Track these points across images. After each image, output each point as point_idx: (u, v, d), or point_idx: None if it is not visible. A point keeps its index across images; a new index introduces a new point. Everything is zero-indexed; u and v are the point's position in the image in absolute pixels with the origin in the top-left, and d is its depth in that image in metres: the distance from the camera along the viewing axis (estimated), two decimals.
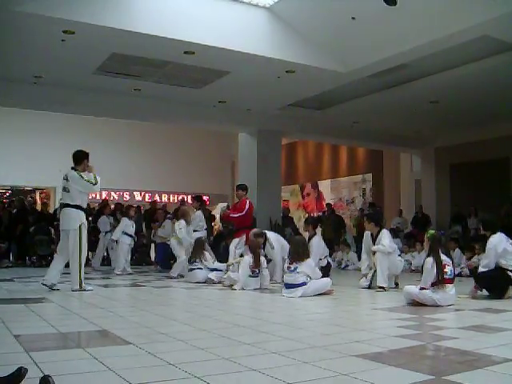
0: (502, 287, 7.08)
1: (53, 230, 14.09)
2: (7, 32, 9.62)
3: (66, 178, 7.76)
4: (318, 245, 9.31)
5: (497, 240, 7.15)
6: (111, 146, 22.29)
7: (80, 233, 7.64)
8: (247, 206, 10.41)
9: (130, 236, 11.72)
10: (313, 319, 5.56)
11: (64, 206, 7.86)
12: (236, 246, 10.13)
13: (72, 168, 7.84)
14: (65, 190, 7.78)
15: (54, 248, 14.02)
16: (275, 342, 4.12)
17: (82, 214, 7.77)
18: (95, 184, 7.74)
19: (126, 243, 11.63)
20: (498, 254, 7.06)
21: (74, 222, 7.66)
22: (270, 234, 9.71)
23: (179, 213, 11.13)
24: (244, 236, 10.15)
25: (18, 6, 8.61)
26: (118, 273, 11.16)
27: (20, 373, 2.52)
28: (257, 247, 8.69)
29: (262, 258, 8.66)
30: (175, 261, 11.95)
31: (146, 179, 23.01)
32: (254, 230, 10.00)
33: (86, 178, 7.68)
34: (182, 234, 10.56)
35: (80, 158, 7.89)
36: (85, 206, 7.93)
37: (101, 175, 7.93)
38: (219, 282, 9.10)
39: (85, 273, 11.33)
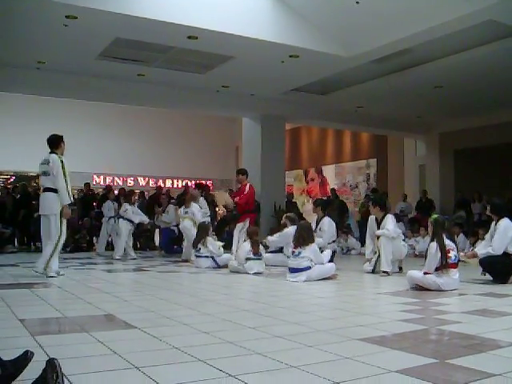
0: (505, 272, 7.09)
1: None
2: (10, 17, 9.59)
3: (46, 162, 7.57)
4: (330, 224, 9.33)
5: (507, 224, 7.13)
6: (115, 131, 22.32)
7: (61, 217, 7.50)
8: (247, 189, 10.52)
9: (130, 221, 11.68)
10: (317, 303, 5.58)
11: (44, 190, 7.68)
12: (240, 231, 10.16)
13: (51, 152, 7.65)
14: (45, 174, 7.59)
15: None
16: (279, 326, 4.13)
17: None
18: (63, 180, 7.46)
19: (126, 228, 11.57)
20: (508, 240, 7.04)
21: (54, 207, 7.49)
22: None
23: (189, 197, 11.04)
24: (247, 221, 10.20)
25: None
26: (117, 257, 11.14)
27: (26, 356, 2.54)
28: (254, 234, 8.73)
29: (261, 246, 8.71)
30: (179, 245, 11.98)
31: (150, 165, 23.04)
32: (289, 214, 10.08)
33: (65, 167, 7.50)
34: (199, 218, 10.58)
35: (56, 142, 7.74)
36: (67, 189, 7.64)
37: (105, 161, 7.91)
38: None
39: (89, 257, 11.51)
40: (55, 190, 7.52)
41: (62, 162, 7.53)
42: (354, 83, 14.24)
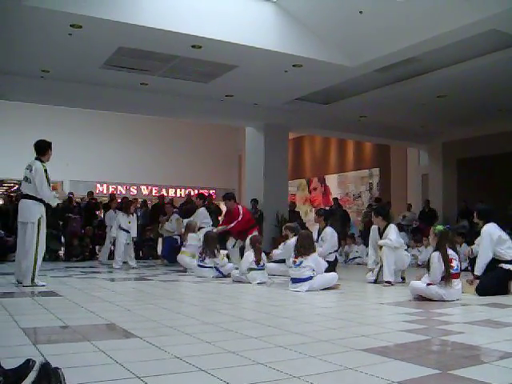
0: (503, 288, 7.04)
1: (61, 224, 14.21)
2: (15, 26, 9.66)
3: (29, 168, 7.41)
4: (332, 234, 9.30)
5: (490, 228, 7.12)
6: (118, 140, 22.36)
7: (38, 226, 7.34)
8: (241, 211, 10.64)
9: (127, 231, 11.63)
10: (319, 313, 5.56)
11: (23, 196, 7.53)
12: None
13: (36, 158, 7.49)
14: (26, 180, 7.43)
15: (63, 243, 14.09)
16: (281, 336, 4.12)
17: (42, 207, 7.45)
18: (48, 188, 7.40)
19: (122, 238, 11.51)
20: (493, 243, 7.02)
21: (32, 215, 7.34)
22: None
23: (186, 229, 10.86)
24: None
25: None
26: (117, 267, 11.12)
27: (28, 365, 2.54)
28: (257, 242, 8.71)
29: (263, 254, 8.68)
30: None
31: (153, 173, 23.06)
32: (289, 224, 10.04)
33: (48, 176, 7.39)
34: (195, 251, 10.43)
35: (44, 148, 7.56)
36: (51, 197, 7.57)
37: (108, 169, 7.82)
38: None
39: (92, 266, 11.51)
40: (34, 198, 7.38)
41: (46, 171, 7.40)
42: (357, 93, 14.28)
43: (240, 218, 10.47)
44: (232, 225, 10.51)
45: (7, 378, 2.45)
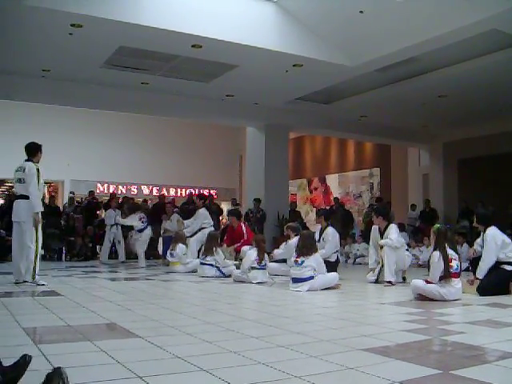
0: (504, 288, 7.04)
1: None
2: (15, 25, 9.65)
3: (21, 169, 7.55)
4: (333, 234, 9.28)
5: (494, 232, 7.12)
6: (119, 139, 22.34)
7: (35, 224, 7.43)
8: (245, 230, 10.93)
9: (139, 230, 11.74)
10: (320, 313, 5.55)
11: (18, 197, 7.65)
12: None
13: (27, 160, 7.62)
14: (20, 181, 7.57)
15: (65, 242, 14.11)
16: (282, 336, 4.12)
17: None
18: (35, 188, 7.42)
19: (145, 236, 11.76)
20: (498, 247, 7.03)
21: (27, 214, 7.43)
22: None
23: (175, 238, 11.03)
24: None
25: None
26: (142, 265, 11.48)
27: (25, 360, 2.56)
28: (261, 241, 8.71)
29: (266, 255, 8.68)
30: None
31: (154, 173, 23.04)
32: (290, 224, 10.06)
33: (40, 175, 7.48)
34: (184, 260, 10.62)
35: (34, 150, 7.71)
36: (40, 197, 7.63)
37: (109, 169, 7.83)
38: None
39: (92, 266, 11.52)
40: (28, 197, 7.46)
41: (38, 170, 7.51)
42: (357, 92, 14.27)
43: (246, 238, 10.70)
44: (239, 244, 10.70)
45: (6, 375, 2.47)
